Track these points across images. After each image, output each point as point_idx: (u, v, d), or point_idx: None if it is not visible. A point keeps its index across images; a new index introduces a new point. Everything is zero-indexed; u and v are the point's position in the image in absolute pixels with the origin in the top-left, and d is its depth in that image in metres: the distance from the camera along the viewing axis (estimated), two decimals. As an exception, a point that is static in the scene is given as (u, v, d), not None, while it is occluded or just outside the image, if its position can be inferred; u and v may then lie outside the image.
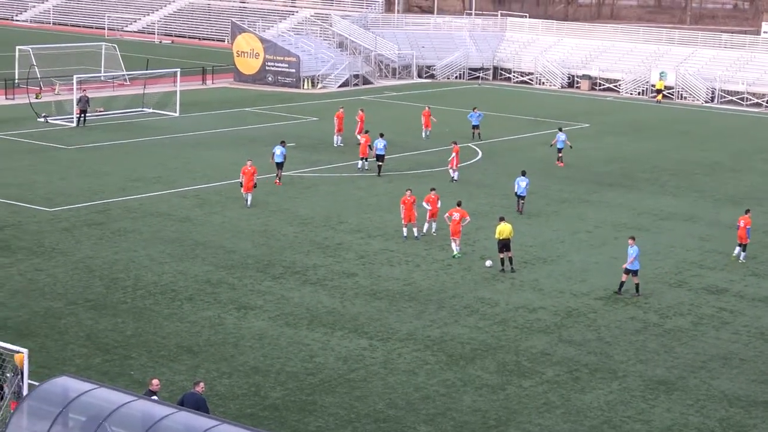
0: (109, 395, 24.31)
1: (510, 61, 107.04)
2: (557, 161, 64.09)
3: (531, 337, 36.01)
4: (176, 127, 72.24)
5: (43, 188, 53.52)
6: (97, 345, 33.65)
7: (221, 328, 35.58)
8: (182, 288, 39.32)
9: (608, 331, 36.95)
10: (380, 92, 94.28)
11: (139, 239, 45.25)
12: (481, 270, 43.01)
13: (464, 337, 35.76)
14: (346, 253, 44.63)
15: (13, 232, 45.58)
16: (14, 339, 32.12)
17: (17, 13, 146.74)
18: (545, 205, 54.12)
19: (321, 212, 51.00)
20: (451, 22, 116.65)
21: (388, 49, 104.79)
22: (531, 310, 38.72)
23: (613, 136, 76.45)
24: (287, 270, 41.96)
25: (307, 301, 38.48)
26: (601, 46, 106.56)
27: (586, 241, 48.03)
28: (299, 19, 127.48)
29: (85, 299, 37.73)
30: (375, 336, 35.46)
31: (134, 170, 58.31)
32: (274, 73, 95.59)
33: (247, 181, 50.83)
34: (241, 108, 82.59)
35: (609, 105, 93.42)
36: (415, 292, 40.08)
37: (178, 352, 33.39)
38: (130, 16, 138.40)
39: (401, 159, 63.48)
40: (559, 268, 43.92)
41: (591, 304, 39.61)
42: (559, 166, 63.65)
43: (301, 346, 34.27)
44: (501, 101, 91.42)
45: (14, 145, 64.40)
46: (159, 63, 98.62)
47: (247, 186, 50.89)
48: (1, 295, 37.74)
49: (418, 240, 46.65)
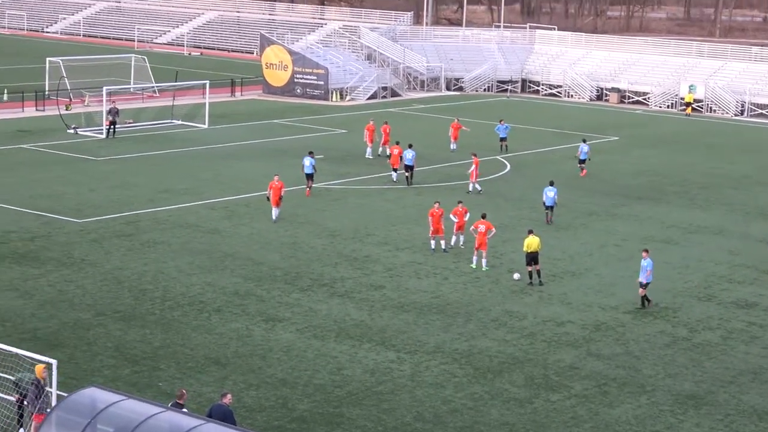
0: (137, 406, 24.36)
1: (538, 74, 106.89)
2: (580, 171, 64.15)
3: (559, 351, 35.90)
4: (205, 139, 72.44)
5: (72, 199, 53.75)
6: (125, 356, 33.73)
7: (249, 339, 35.61)
8: (210, 300, 39.39)
9: (637, 345, 36.80)
10: (408, 104, 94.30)
11: (168, 251, 45.37)
12: (509, 283, 42.92)
13: (492, 350, 35.68)
14: (373, 265, 44.62)
15: (42, 243, 45.77)
16: (43, 349, 32.26)
17: (48, 24, 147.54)
18: (573, 218, 53.99)
19: (349, 224, 51.02)
20: (479, 35, 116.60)
21: (417, 62, 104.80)
22: (559, 323, 38.61)
23: (642, 149, 76.23)
24: (315, 282, 41.98)
25: (334, 314, 38.48)
26: (630, 58, 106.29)
27: (614, 254, 47.88)
28: (328, 31, 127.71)
29: (114, 310, 37.85)
30: (402, 349, 35.42)
31: (163, 182, 58.50)
32: (303, 85, 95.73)
33: (275, 196, 50.64)
34: (270, 120, 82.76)
35: (638, 118, 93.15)
36: (442, 304, 40.03)
37: (206, 363, 33.44)
38: (160, 28, 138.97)
39: (429, 171, 63.46)
40: (588, 281, 43.80)
41: (619, 317, 39.47)
42: (581, 175, 63.65)
43: (328, 359, 34.27)
44: (529, 114, 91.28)
45: (44, 156, 64.71)
46: (188, 75, 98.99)
47: (275, 201, 50.73)
48: (31, 306, 37.90)
49: (446, 253, 46.61)
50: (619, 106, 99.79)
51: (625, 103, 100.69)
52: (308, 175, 56.53)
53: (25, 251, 44.41)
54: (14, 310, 37.37)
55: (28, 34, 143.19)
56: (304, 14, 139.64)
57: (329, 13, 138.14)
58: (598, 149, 74.57)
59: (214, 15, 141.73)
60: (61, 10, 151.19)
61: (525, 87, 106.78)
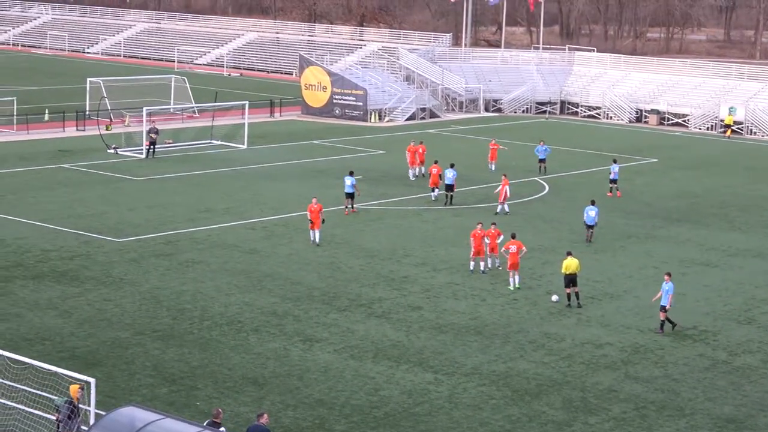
0: (175, 425, 24.41)
1: (577, 95, 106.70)
2: (609, 192, 64.19)
3: (597, 373, 35.71)
4: (244, 159, 72.68)
5: (111, 219, 54.01)
6: (163, 375, 33.81)
7: (287, 360, 35.62)
8: (248, 319, 39.45)
9: (676, 368, 36.56)
10: (447, 126, 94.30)
11: (207, 270, 45.50)
12: (547, 305, 42.77)
13: (530, 372, 35.54)
14: (411, 286, 44.57)
15: (82, 262, 46.01)
16: (82, 368, 32.39)
17: (89, 45, 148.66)
18: (612, 240, 53.76)
19: (387, 245, 51.01)
20: (518, 56, 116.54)
21: (455, 83, 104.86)
22: (597, 345, 38.42)
23: (682, 171, 75.88)
24: (353, 302, 41.98)
25: (372, 334, 38.44)
26: (669, 80, 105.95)
27: (653, 276, 47.58)
28: (367, 52, 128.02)
29: (153, 329, 37.96)
30: (440, 370, 35.34)
31: (202, 202, 58.71)
32: (342, 106, 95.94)
33: (314, 218, 50.38)
34: (309, 141, 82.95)
35: (677, 140, 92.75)
36: (480, 326, 39.92)
37: (243, 383, 33.47)
38: (200, 49, 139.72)
39: (468, 192, 63.40)
40: (626, 303, 43.58)
41: (658, 340, 39.23)
42: (610, 196, 63.85)
43: (366, 379, 34.22)
44: (568, 135, 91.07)
45: (84, 176, 65.10)
46: (228, 95, 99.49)
47: (315, 223, 50.50)
48: (70, 325, 38.08)
49: (485, 274, 46.50)
50: (659, 128, 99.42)
51: (664, 125, 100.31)
52: (348, 194, 56.86)
53: (65, 270, 44.66)
54: (54, 329, 37.56)
55: (70, 55, 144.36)
56: (343, 35, 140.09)
57: (368, 35, 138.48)
58: (637, 171, 74.32)
59: (254, 36, 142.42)
60: (102, 31, 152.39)
61: (564, 108, 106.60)
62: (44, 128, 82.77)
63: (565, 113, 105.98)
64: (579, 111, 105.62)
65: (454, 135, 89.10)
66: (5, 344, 34.87)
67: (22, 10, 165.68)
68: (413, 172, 67.70)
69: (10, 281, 42.87)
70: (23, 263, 45.48)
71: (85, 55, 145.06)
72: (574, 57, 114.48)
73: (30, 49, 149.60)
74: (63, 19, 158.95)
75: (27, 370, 29.97)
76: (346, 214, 56.76)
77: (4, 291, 41.62)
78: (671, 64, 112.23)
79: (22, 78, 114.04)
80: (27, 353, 33.30)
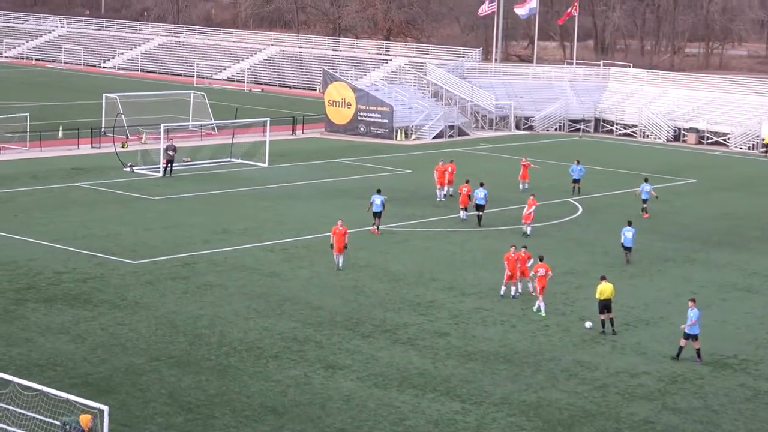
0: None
1: (612, 113, 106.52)
2: (643, 212, 63.90)
3: (633, 404, 35.52)
4: (265, 178, 72.81)
5: (127, 240, 54.15)
6: (179, 403, 33.80)
7: (308, 387, 35.57)
8: (268, 345, 39.42)
9: (716, 398, 36.33)
10: (476, 144, 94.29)
11: (225, 294, 45.52)
12: (580, 331, 42.59)
13: (562, 402, 35.38)
14: (438, 311, 44.48)
15: (95, 284, 46.10)
16: (95, 395, 32.41)
17: (105, 60, 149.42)
18: (649, 264, 53.55)
19: (413, 268, 50.94)
20: (550, 72, 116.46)
21: (485, 100, 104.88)
22: (633, 374, 38.23)
23: (722, 192, 75.61)
24: (377, 328, 41.91)
25: (397, 361, 38.35)
26: (709, 97, 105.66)
27: (692, 302, 47.33)
28: (393, 67, 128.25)
29: (168, 355, 37.97)
30: (468, 399, 35.22)
31: (220, 222, 58.80)
32: (367, 123, 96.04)
33: (338, 242, 49.70)
34: (332, 159, 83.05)
35: (717, 159, 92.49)
36: (510, 353, 39.79)
37: (262, 412, 33.42)
38: (220, 64, 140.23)
39: (497, 214, 63.28)
40: (663, 330, 43.36)
41: (697, 369, 39.00)
42: (645, 217, 63.39)
43: (390, 409, 34.13)
44: (603, 155, 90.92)
45: (99, 195, 65.31)
46: (248, 112, 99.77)
47: (338, 247, 49.77)
48: (83, 350, 38.12)
49: (515, 299, 46.37)
50: (698, 147, 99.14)
51: (703, 144, 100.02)
52: (376, 213, 57.21)
53: (78, 293, 44.76)
54: (65, 354, 37.61)
55: (85, 69, 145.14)
56: (369, 50, 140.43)
57: (394, 49, 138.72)
58: (676, 192, 74.10)
59: (276, 50, 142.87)
60: (119, 44, 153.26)
61: (598, 126, 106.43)
62: (58, 145, 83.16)
63: (600, 131, 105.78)
64: (614, 129, 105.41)
65: (484, 154, 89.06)
66: (16, 370, 34.97)
67: (37, 23, 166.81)
68: (442, 192, 67.58)
69: (21, 304, 42.99)
70: (35, 286, 45.61)
71: (101, 69, 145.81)
72: (610, 73, 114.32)
73: (44, 63, 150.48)
74: (78, 32, 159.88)
75: (38, 397, 30.02)
76: (373, 232, 56.94)
77: (15, 315, 41.73)
78: (711, 81, 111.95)
79: (35, 93, 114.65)
80: (38, 379, 33.37)
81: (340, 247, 49.77)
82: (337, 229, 49.94)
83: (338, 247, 49.81)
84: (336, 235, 49.79)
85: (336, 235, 49.79)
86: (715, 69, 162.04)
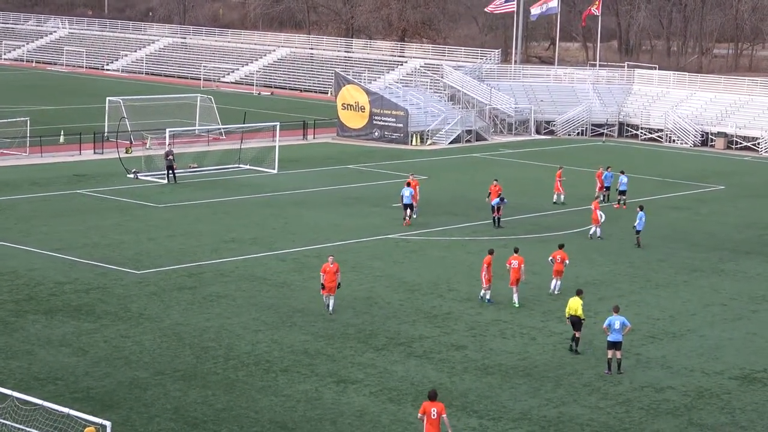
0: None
1: (637, 117, 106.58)
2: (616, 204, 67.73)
3: (658, 420, 35.53)
4: (274, 185, 72.95)
5: (130, 249, 54.30)
6: (185, 419, 33.89)
7: (318, 402, 35.64)
8: (277, 359, 39.50)
9: (744, 414, 36.32)
10: (495, 149, 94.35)
11: (232, 305, 45.62)
12: (602, 344, 42.47)
13: (584, 417, 35.40)
14: (455, 323, 44.53)
15: (98, 295, 46.25)
16: (97, 410, 32.53)
17: (108, 62, 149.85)
18: (674, 274, 53.55)
19: (429, 278, 51.01)
20: (573, 74, 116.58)
21: (504, 103, 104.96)
22: (658, 389, 38.23)
23: (751, 200, 75.54)
24: (391, 341, 41.96)
25: (411, 375, 38.40)
26: (738, 100, 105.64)
27: (719, 314, 47.36)
28: (408, 69, 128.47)
29: (174, 369, 38.07)
30: (486, 415, 35.26)
31: (228, 231, 58.94)
32: (381, 127, 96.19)
33: (329, 281, 44.44)
34: (344, 165, 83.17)
35: (746, 165, 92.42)
36: (530, 367, 39.82)
37: (271, 428, 33.50)
38: (228, 66, 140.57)
39: (517, 221, 63.32)
40: (690, 343, 43.35)
41: (725, 384, 38.99)
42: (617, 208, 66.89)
43: (405, 424, 34.18)
44: (627, 160, 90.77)
45: (102, 202, 65.51)
46: (257, 116, 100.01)
47: (329, 287, 44.56)
48: (85, 364, 38.24)
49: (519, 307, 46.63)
50: (726, 152, 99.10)
51: (732, 149, 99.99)
52: (407, 205, 61.13)
53: (80, 304, 44.90)
54: (67, 368, 37.73)
55: (88, 72, 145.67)
56: (383, 51, 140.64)
57: (410, 51, 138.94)
58: (702, 199, 74.08)
59: (286, 52, 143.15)
60: (122, 46, 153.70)
61: (622, 131, 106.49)
62: (59, 151, 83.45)
63: (624, 136, 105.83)
64: (639, 134, 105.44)
65: (503, 159, 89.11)
66: (15, 384, 35.07)
67: (37, 24, 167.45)
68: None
69: (21, 316, 43.14)
70: (35, 296, 45.77)
71: (104, 72, 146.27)
72: (634, 75, 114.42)
73: (45, 65, 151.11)
74: (80, 33, 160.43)
75: (37, 412, 30.11)
76: (406, 224, 60.72)
77: (15, 326, 41.88)
78: (740, 83, 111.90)
79: (36, 97, 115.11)
80: (38, 394, 33.47)
81: (332, 287, 44.62)
82: (327, 266, 44.55)
83: (329, 287, 44.68)
84: (326, 273, 44.50)
85: (326, 273, 44.50)
86: (745, 71, 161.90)
